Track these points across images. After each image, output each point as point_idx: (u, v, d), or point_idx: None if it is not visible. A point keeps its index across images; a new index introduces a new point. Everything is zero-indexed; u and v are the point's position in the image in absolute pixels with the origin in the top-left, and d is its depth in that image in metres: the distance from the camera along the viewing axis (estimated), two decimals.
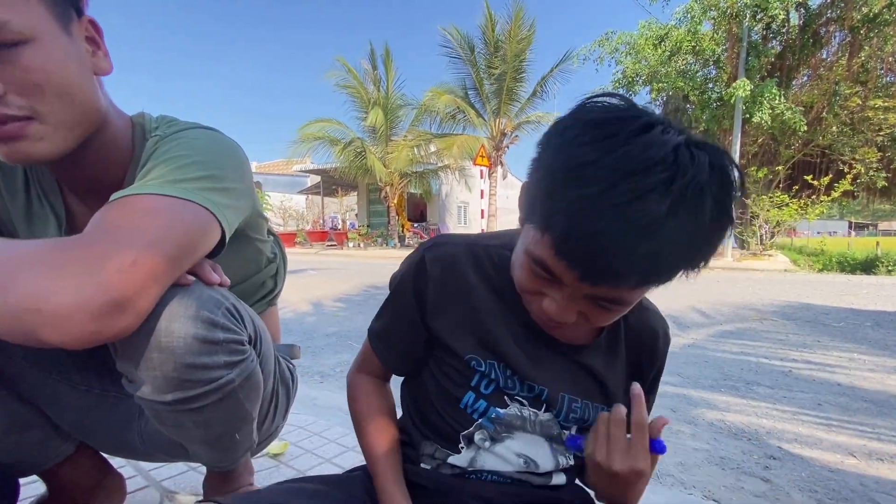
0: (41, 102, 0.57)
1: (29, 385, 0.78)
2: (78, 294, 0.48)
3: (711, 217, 0.42)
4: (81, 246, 0.52)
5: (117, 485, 1.00)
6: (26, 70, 0.55)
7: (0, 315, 0.48)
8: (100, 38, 0.65)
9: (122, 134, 0.72)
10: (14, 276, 0.49)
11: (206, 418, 0.67)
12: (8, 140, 0.57)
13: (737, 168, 0.45)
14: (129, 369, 0.61)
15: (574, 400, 0.64)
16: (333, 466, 1.25)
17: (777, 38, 10.97)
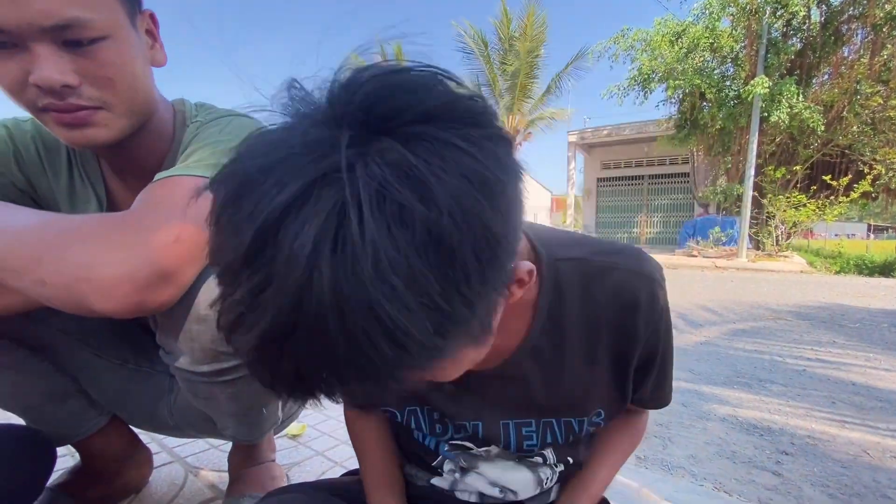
0: (111, 94, 0.62)
1: (68, 358, 0.82)
2: (125, 265, 0.52)
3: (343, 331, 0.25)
4: (129, 221, 0.55)
5: (145, 458, 1.04)
6: (102, 65, 0.59)
7: (53, 283, 0.52)
8: (156, 31, 0.69)
9: (166, 120, 0.75)
10: (67, 247, 0.52)
11: (237, 391, 0.71)
12: (76, 125, 0.61)
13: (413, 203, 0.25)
14: (168, 341, 0.65)
15: (525, 424, 0.55)
16: (349, 448, 1.28)
17: (797, 36, 10.76)
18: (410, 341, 0.26)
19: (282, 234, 0.24)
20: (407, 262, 0.24)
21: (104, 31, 0.59)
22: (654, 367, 0.54)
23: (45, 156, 0.78)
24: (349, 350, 0.25)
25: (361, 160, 0.25)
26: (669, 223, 16.04)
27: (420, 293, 0.25)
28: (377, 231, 0.24)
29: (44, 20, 0.54)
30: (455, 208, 0.25)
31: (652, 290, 0.50)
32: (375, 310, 0.24)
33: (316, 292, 0.24)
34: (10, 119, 0.79)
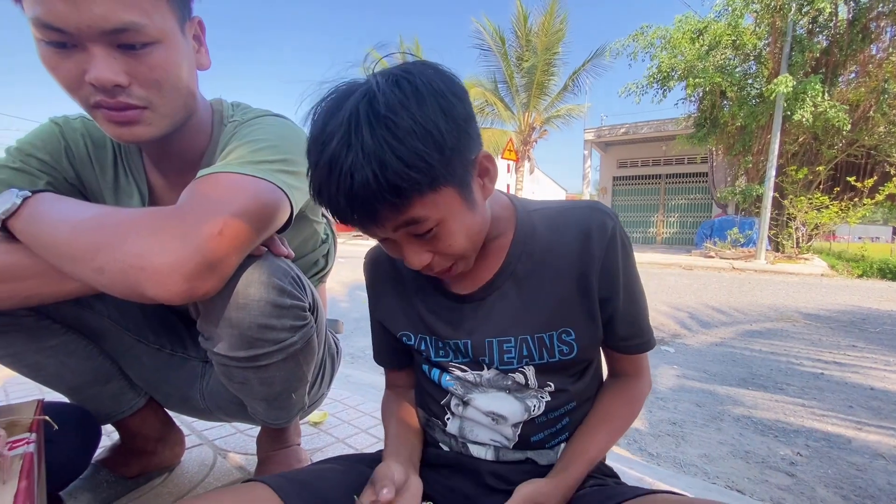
0: (157, 95, 0.66)
1: (111, 342, 0.88)
2: (176, 256, 0.56)
3: (373, 132, 0.47)
4: (178, 214, 0.59)
5: (178, 439, 1.10)
6: (151, 67, 0.64)
7: (111, 271, 0.56)
8: (203, 36, 0.74)
9: (205, 118, 0.80)
10: (124, 238, 0.56)
11: (270, 376, 0.75)
12: (124, 123, 0.66)
13: (411, 67, 0.52)
14: (208, 327, 0.69)
15: (505, 340, 0.65)
16: (369, 436, 1.33)
17: (823, 33, 10.48)
18: (416, 158, 0.47)
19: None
20: (404, 104, 0.48)
21: (156, 37, 0.64)
22: (618, 295, 0.64)
23: (92, 151, 0.83)
24: (381, 169, 0.47)
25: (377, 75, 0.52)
26: (686, 223, 15.82)
27: (414, 121, 0.47)
28: (387, 88, 0.49)
29: (103, 24, 0.59)
30: (430, 83, 0.50)
31: (601, 220, 0.63)
32: (390, 125, 0.47)
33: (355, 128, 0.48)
34: (60, 117, 0.85)
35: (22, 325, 0.75)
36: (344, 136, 0.47)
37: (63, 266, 0.59)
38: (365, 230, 0.54)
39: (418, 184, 0.48)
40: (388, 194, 0.48)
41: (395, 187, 0.47)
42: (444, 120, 0.49)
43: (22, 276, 0.60)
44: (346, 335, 3.13)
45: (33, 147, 0.78)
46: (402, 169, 0.47)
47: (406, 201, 0.49)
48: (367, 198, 0.48)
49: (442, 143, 0.49)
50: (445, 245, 0.56)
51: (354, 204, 0.49)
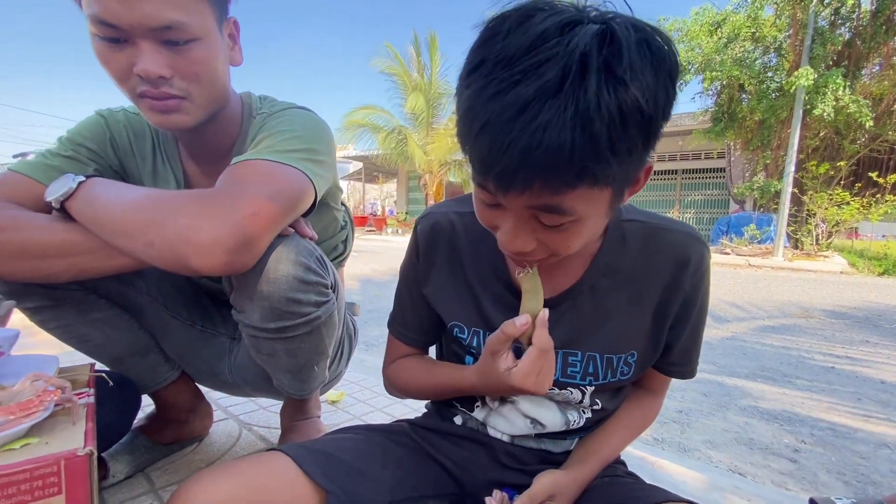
0: (195, 87, 0.74)
1: (150, 317, 0.95)
2: (218, 231, 0.63)
3: (599, 93, 0.37)
4: (219, 195, 0.66)
5: (207, 411, 1.18)
6: (192, 62, 0.72)
7: (160, 245, 0.63)
8: (237, 35, 0.81)
9: (235, 110, 0.87)
10: (172, 215, 0.63)
11: (295, 347, 0.82)
12: (165, 112, 0.73)
13: (662, 34, 0.41)
14: (241, 301, 0.76)
15: (572, 353, 0.62)
16: (384, 414, 1.40)
17: (846, 25, 10.25)
18: (624, 145, 0.39)
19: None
20: (644, 73, 0.38)
21: (197, 34, 0.71)
22: (687, 325, 0.63)
23: (134, 141, 0.91)
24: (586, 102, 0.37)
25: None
26: (703, 220, 15.61)
27: (644, 98, 0.38)
28: (635, 43, 0.38)
29: (151, 21, 0.67)
30: (673, 63, 0.41)
31: (701, 252, 0.60)
32: (621, 93, 0.37)
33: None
34: (104, 109, 0.93)
35: (72, 299, 0.83)
36: (557, 78, 0.37)
37: (116, 241, 0.66)
38: (494, 189, 0.44)
39: (604, 176, 0.40)
40: (568, 173, 0.39)
41: (581, 170, 0.39)
42: (664, 112, 0.41)
43: (79, 251, 0.68)
44: (360, 324, 3.21)
45: (82, 137, 0.86)
46: (605, 149, 0.38)
47: (573, 188, 0.41)
48: (541, 161, 0.38)
49: (649, 137, 0.41)
50: (563, 242, 0.48)
51: (519, 163, 0.39)
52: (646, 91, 0.38)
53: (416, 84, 15.58)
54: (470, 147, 0.42)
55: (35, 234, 0.66)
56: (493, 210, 0.49)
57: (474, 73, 0.41)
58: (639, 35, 0.39)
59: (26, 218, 0.68)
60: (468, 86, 0.41)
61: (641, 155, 0.43)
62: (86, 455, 0.49)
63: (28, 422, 0.50)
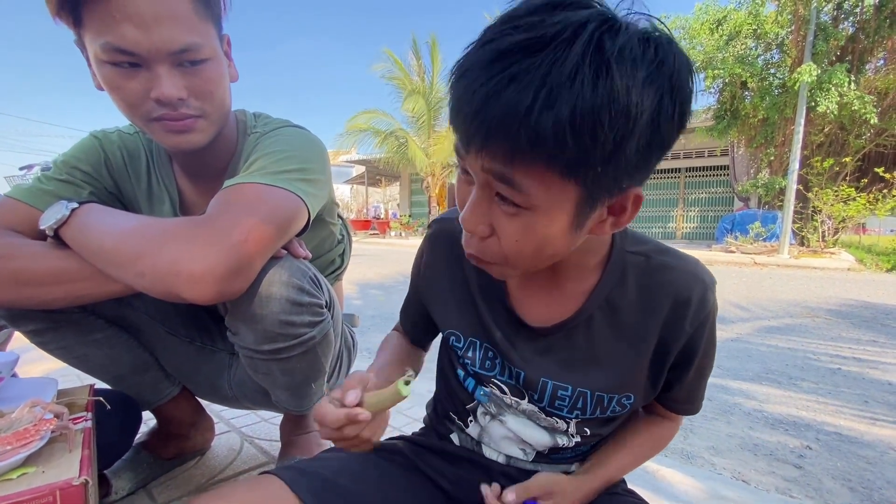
0: (209, 105, 0.76)
1: (148, 335, 0.96)
2: (208, 261, 0.63)
3: (578, 66, 0.35)
4: (209, 223, 0.66)
5: (209, 425, 1.19)
6: (206, 81, 0.73)
7: (151, 275, 0.64)
8: (230, 51, 0.82)
9: (231, 128, 0.88)
10: (162, 246, 0.64)
11: (291, 367, 0.82)
12: (181, 132, 0.75)
13: (673, 41, 0.40)
14: (235, 324, 0.77)
15: (561, 387, 0.61)
16: None
17: (849, 19, 10.19)
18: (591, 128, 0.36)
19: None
20: (637, 64, 0.37)
21: (208, 54, 0.73)
22: (690, 368, 0.60)
23: (128, 161, 0.92)
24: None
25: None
26: (707, 218, 15.53)
27: (628, 90, 0.36)
28: (636, 38, 0.38)
29: (169, 46, 0.68)
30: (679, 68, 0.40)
31: (704, 293, 0.56)
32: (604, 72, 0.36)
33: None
34: (99, 131, 0.94)
35: (71, 321, 0.84)
36: (546, 38, 0.36)
37: (108, 270, 0.67)
38: (460, 150, 0.44)
39: (559, 153, 0.37)
40: (520, 133, 0.37)
41: (535, 133, 0.36)
42: (649, 123, 0.38)
43: (74, 278, 0.69)
44: (361, 331, 3.22)
45: (77, 160, 0.86)
46: (565, 126, 0.36)
47: (529, 159, 0.39)
48: (496, 114, 0.37)
49: (621, 140, 0.38)
50: (510, 236, 0.46)
51: (482, 104, 0.38)
52: (628, 83, 0.36)
53: (416, 88, 15.61)
54: (450, 97, 0.42)
55: (30, 263, 0.67)
56: (466, 187, 0.48)
57: (483, 31, 0.41)
58: (646, 35, 0.38)
59: (22, 246, 0.69)
60: (463, 56, 0.42)
61: (612, 162, 0.39)
62: (81, 484, 0.49)
63: (24, 452, 0.51)
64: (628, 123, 0.37)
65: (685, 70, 0.40)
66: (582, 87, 0.35)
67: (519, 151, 0.38)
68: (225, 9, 0.78)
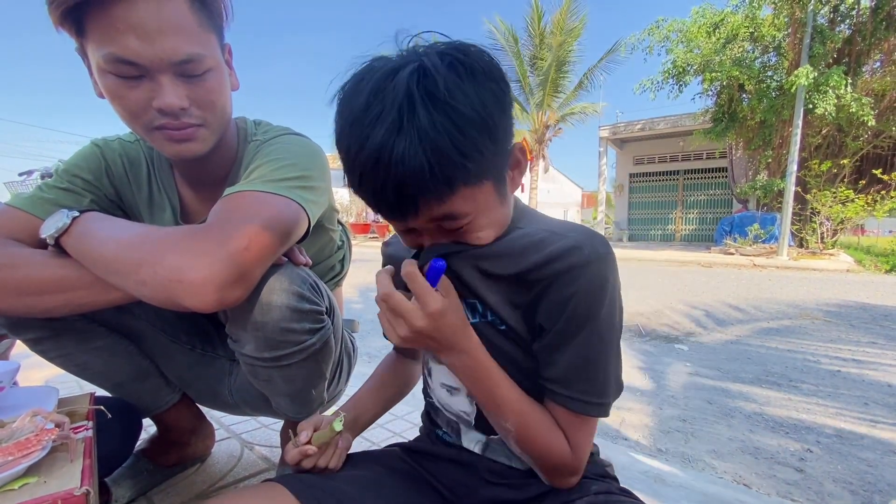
0: (211, 114, 0.76)
1: (149, 342, 0.96)
2: (208, 270, 0.62)
3: (431, 118, 0.44)
4: (209, 231, 0.66)
5: (209, 432, 1.19)
6: (208, 91, 0.74)
7: (152, 284, 0.63)
8: (231, 60, 0.83)
9: (232, 136, 0.89)
10: (163, 254, 0.64)
11: (292, 374, 0.82)
12: (182, 140, 0.75)
13: (468, 49, 0.49)
14: (236, 331, 0.77)
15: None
16: (385, 430, 1.40)
17: (846, 22, 10.23)
18: (473, 148, 0.47)
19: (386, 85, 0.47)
20: (461, 88, 0.46)
21: (210, 65, 0.73)
22: (555, 331, 0.56)
23: (129, 170, 0.92)
24: (428, 139, 0.45)
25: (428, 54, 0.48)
26: (706, 220, 15.56)
27: (472, 107, 0.46)
28: (445, 69, 0.46)
29: (173, 56, 0.69)
30: (488, 67, 0.49)
31: (567, 247, 0.54)
32: (448, 110, 0.45)
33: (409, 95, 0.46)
34: (100, 139, 0.94)
35: (72, 329, 0.84)
36: (395, 119, 0.45)
37: (109, 278, 0.67)
38: (395, 220, 0.53)
39: (471, 176, 0.48)
40: (440, 185, 0.46)
41: (448, 178, 0.46)
42: (499, 109, 0.48)
43: (73, 287, 0.69)
44: (362, 335, 3.22)
45: (78, 168, 0.87)
46: (459, 159, 0.45)
47: (452, 194, 0.48)
48: (415, 187, 0.46)
49: (496, 134, 0.48)
50: (473, 238, 0.56)
51: (398, 193, 0.47)
52: (467, 100, 0.46)
53: None
54: (362, 198, 0.51)
55: (31, 271, 0.67)
56: (410, 235, 0.58)
57: (339, 140, 0.50)
58: (447, 59, 0.47)
59: (22, 255, 0.69)
60: (339, 151, 0.51)
61: (497, 147, 0.49)
62: (82, 494, 0.49)
63: (26, 462, 0.51)
64: (488, 122, 0.47)
65: (483, 57, 0.49)
66: (446, 129, 0.45)
67: (444, 195, 0.48)
68: (227, 18, 0.79)
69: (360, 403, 0.80)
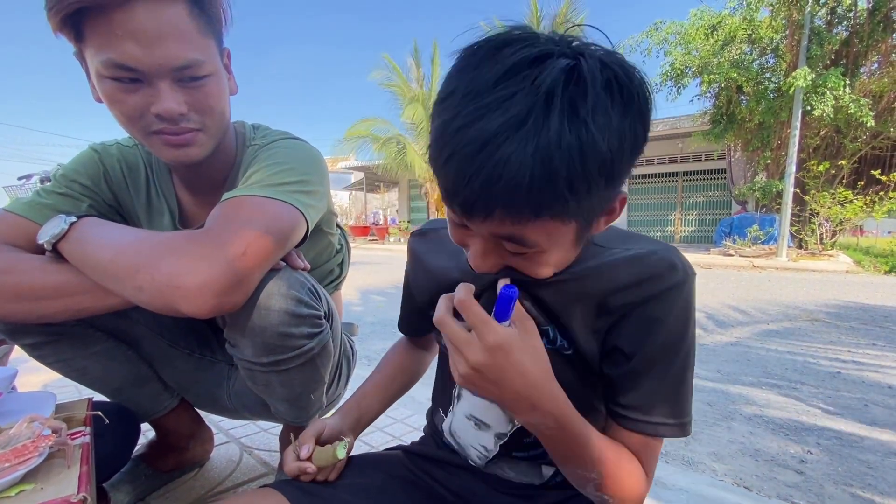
0: (209, 119, 0.76)
1: (147, 347, 0.96)
2: (205, 275, 0.62)
3: (561, 132, 0.37)
4: (208, 235, 0.66)
5: (208, 436, 1.18)
6: (206, 96, 0.74)
7: (149, 289, 0.63)
8: (230, 65, 0.83)
9: (230, 140, 0.89)
10: (160, 260, 0.64)
11: (290, 379, 0.82)
12: (181, 146, 0.75)
13: (633, 73, 0.41)
14: (234, 336, 0.76)
15: None
16: (384, 434, 1.40)
17: (843, 24, 10.27)
18: (583, 182, 0.39)
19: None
20: (608, 114, 0.39)
21: (209, 70, 0.74)
22: (641, 356, 0.53)
23: (128, 174, 0.92)
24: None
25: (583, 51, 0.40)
26: (705, 221, 15.57)
27: (606, 139, 0.38)
28: (601, 84, 0.39)
29: (173, 62, 0.69)
30: (644, 101, 0.41)
31: (660, 266, 0.52)
32: (582, 133, 0.38)
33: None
34: (98, 144, 0.94)
35: (69, 334, 0.84)
36: (522, 114, 0.37)
37: (107, 284, 0.67)
38: (456, 212, 0.45)
39: (564, 212, 0.41)
40: (526, 206, 0.40)
41: (538, 204, 0.39)
42: (631, 153, 0.42)
43: (73, 292, 0.69)
44: (362, 338, 3.22)
45: (76, 173, 0.87)
46: (564, 190, 0.38)
47: (534, 220, 0.41)
48: (501, 196, 0.39)
49: (612, 176, 0.41)
50: (529, 268, 0.49)
51: (480, 193, 0.40)
52: (608, 132, 0.38)
53: (415, 95, 15.69)
54: (437, 174, 0.44)
55: (29, 277, 0.67)
56: (462, 230, 0.49)
57: (444, 103, 0.42)
58: (607, 73, 0.39)
59: (20, 260, 0.69)
60: (439, 114, 0.42)
61: (606, 192, 0.43)
62: (79, 501, 0.49)
63: (23, 469, 0.51)
64: (614, 165, 0.40)
65: (645, 90, 0.42)
66: (570, 152, 0.37)
67: (525, 218, 0.41)
68: (226, 23, 0.79)
69: (363, 402, 0.79)
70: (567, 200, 0.39)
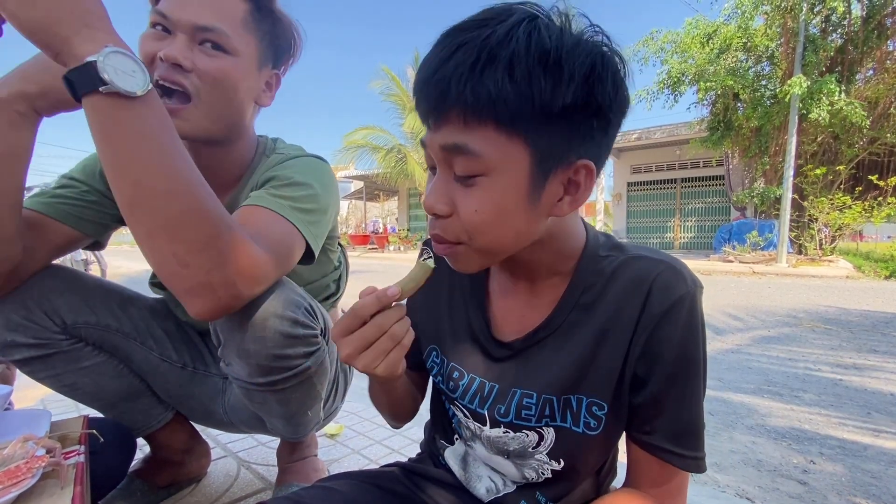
0: (206, 91, 0.76)
1: (139, 361, 0.95)
2: (205, 278, 0.61)
3: (513, 30, 0.42)
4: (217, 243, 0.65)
5: (204, 451, 1.18)
6: (215, 67, 0.76)
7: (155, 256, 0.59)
8: (275, 86, 0.88)
9: (249, 148, 0.91)
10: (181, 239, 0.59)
11: (287, 397, 0.82)
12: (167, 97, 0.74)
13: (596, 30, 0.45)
14: (229, 356, 0.76)
15: (527, 395, 0.56)
16: (382, 447, 1.38)
17: (837, 31, 10.37)
18: (545, 77, 0.41)
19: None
20: (562, 37, 0.43)
21: (233, 50, 0.77)
22: (661, 375, 0.51)
23: None
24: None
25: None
26: (704, 227, 15.58)
27: (577, 62, 0.42)
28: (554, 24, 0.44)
29: (196, 19, 0.73)
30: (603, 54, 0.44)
31: (669, 279, 0.51)
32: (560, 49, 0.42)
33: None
34: None
35: (60, 350, 0.84)
36: (487, 19, 0.43)
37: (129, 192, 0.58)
38: (425, 119, 0.48)
39: (512, 118, 0.42)
40: (472, 94, 0.41)
41: (492, 97, 0.41)
42: (583, 80, 0.42)
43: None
44: None
45: (71, 171, 0.89)
46: (504, 79, 0.41)
47: (481, 121, 0.43)
48: (448, 79, 0.42)
49: (559, 93, 0.42)
50: (469, 206, 0.46)
51: (434, 78, 0.43)
52: (557, 44, 0.42)
53: (414, 105, 15.76)
54: (416, 106, 0.48)
55: None
56: (430, 172, 0.51)
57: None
58: (562, 20, 0.44)
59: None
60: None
61: (561, 117, 0.43)
62: None
63: (16, 491, 0.50)
64: (562, 75, 0.41)
65: (615, 56, 0.45)
66: (517, 43, 0.41)
67: (469, 111, 0.43)
68: (292, 50, 0.86)
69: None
70: (507, 91, 0.41)
